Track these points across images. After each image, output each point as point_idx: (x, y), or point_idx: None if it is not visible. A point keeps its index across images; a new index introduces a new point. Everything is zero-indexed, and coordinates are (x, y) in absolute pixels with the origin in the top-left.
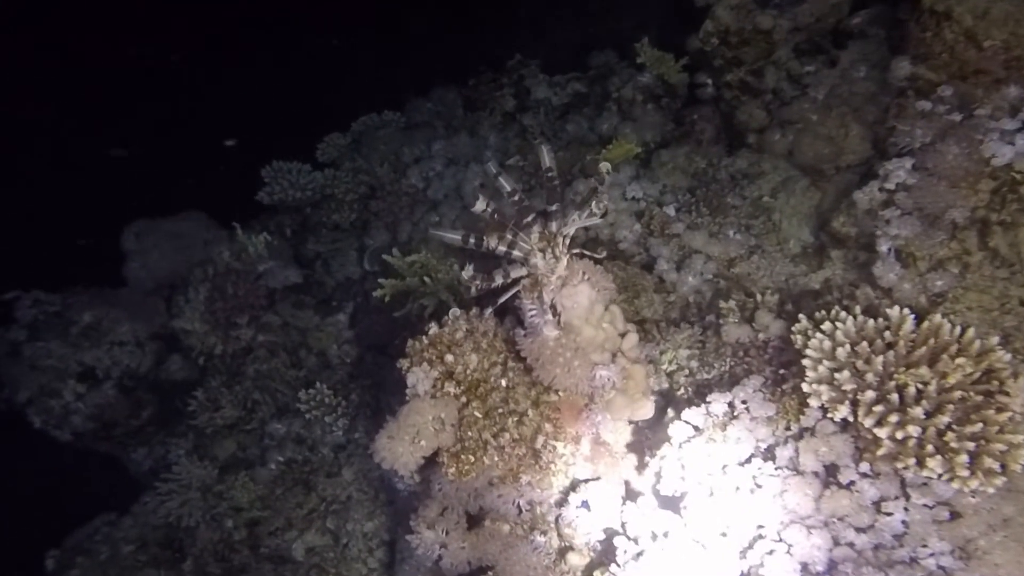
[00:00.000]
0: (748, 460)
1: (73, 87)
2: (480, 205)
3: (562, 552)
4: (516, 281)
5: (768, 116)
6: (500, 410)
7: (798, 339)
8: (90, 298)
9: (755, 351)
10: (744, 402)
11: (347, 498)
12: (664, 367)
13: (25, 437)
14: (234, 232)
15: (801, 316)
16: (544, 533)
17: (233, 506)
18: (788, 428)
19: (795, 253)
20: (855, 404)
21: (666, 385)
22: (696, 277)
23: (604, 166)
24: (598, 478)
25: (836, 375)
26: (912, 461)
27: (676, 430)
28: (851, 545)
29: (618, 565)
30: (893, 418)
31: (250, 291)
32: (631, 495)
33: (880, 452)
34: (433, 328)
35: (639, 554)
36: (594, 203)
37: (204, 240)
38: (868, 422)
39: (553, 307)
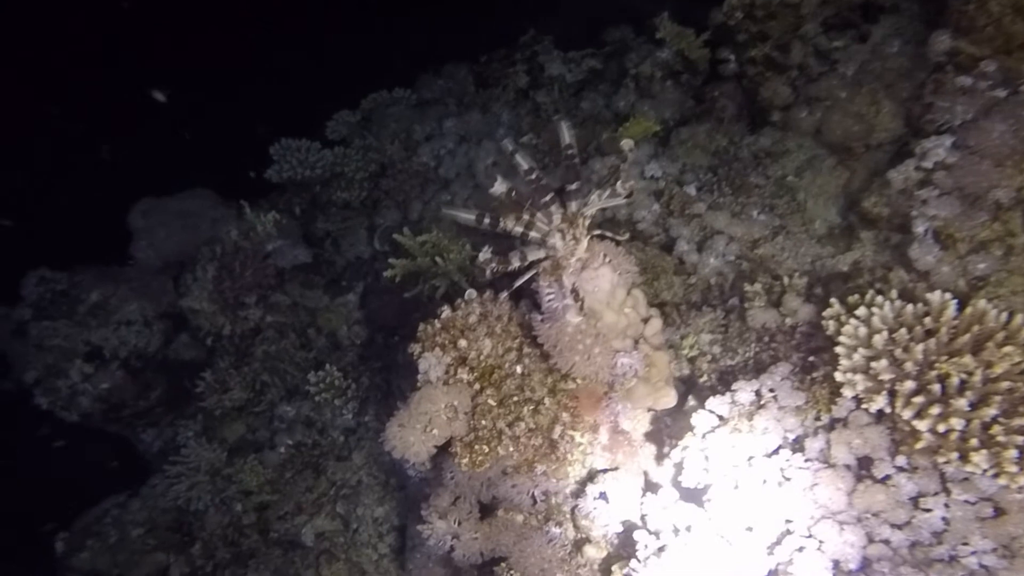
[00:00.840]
0: (776, 451)
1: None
2: (500, 187)
3: (578, 544)
4: (533, 264)
5: (794, 93)
6: (515, 398)
7: (830, 325)
8: (97, 276)
9: (782, 337)
10: (772, 390)
11: (357, 482)
12: (685, 352)
13: (33, 418)
14: (242, 210)
15: (833, 300)
16: (560, 524)
17: (242, 490)
18: (818, 418)
19: (821, 234)
20: (892, 395)
21: (687, 371)
22: (718, 258)
23: (627, 143)
24: (616, 468)
25: (873, 364)
26: (955, 455)
27: (699, 420)
28: (886, 542)
29: (639, 560)
30: (934, 410)
31: (258, 270)
32: (651, 486)
33: (919, 445)
34: (446, 311)
35: (660, 549)
36: (619, 183)
37: (212, 218)
38: (907, 414)
39: (575, 292)
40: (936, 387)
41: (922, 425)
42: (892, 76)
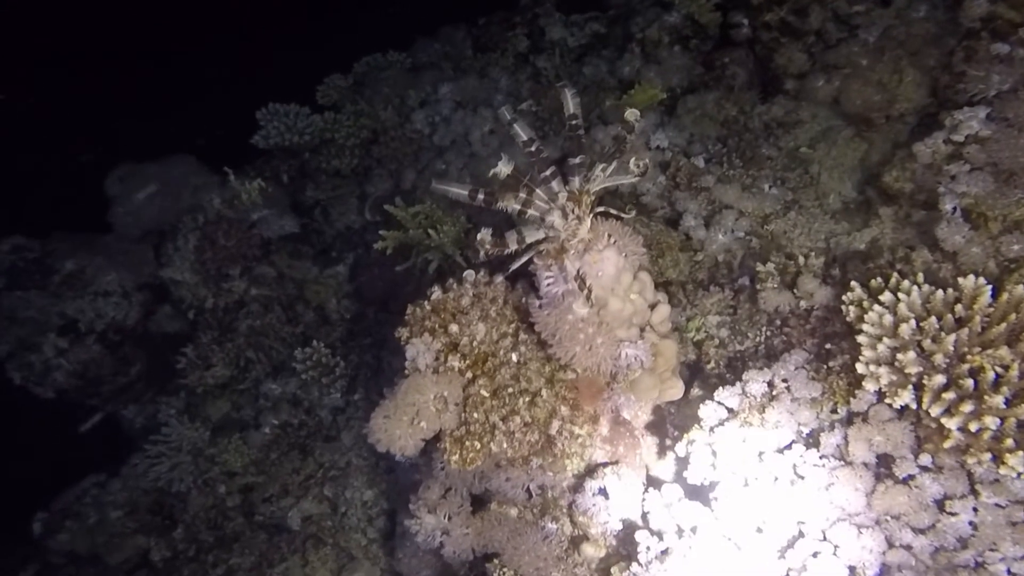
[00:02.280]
0: (788, 447)
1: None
2: (504, 167)
3: (576, 541)
4: (532, 245)
5: (810, 60)
6: (510, 389)
7: (850, 311)
8: (73, 245)
9: (795, 321)
10: (785, 380)
11: (346, 464)
12: (691, 335)
13: (7, 393)
14: (226, 178)
15: (854, 284)
16: (556, 519)
17: (226, 471)
18: (835, 411)
19: (836, 209)
20: (919, 389)
21: (693, 356)
22: (727, 234)
23: (632, 113)
24: (617, 462)
25: (899, 356)
26: (987, 456)
27: (707, 412)
28: (908, 548)
29: (640, 564)
30: (966, 407)
31: (242, 240)
32: (653, 482)
33: (947, 444)
34: (436, 293)
35: (663, 552)
36: (632, 159)
37: (194, 186)
38: (935, 411)
39: (581, 278)
40: (968, 382)
41: (952, 423)
42: (918, 43)
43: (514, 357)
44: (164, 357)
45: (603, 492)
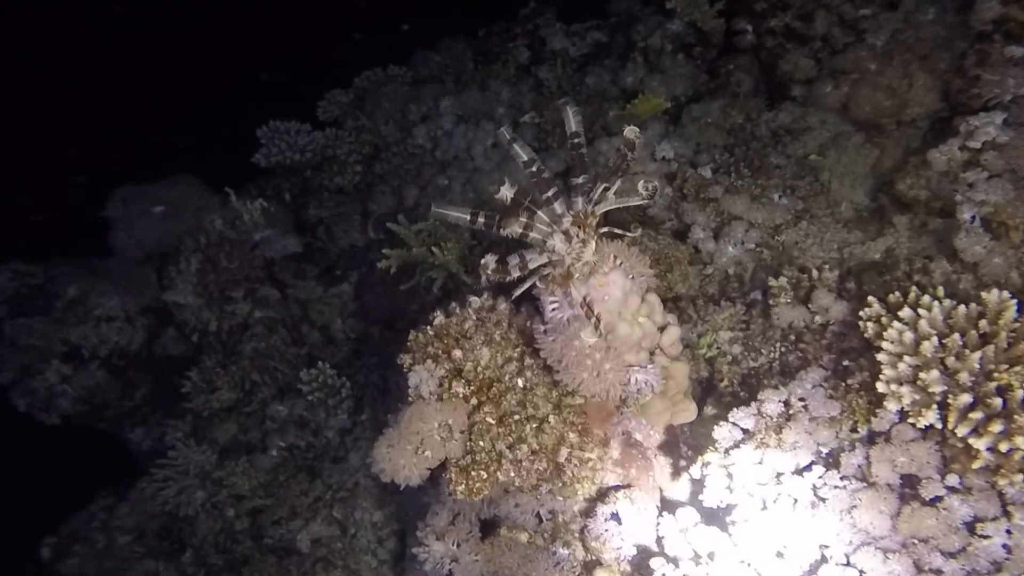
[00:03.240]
0: (808, 468)
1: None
2: (506, 192)
3: (588, 567)
4: (536, 270)
5: (817, 66)
6: (517, 416)
7: (868, 327)
8: (74, 270)
9: (811, 336)
10: (802, 400)
11: (354, 485)
12: (702, 352)
13: (12, 420)
14: (227, 198)
15: (871, 299)
16: (568, 545)
17: (234, 494)
18: (855, 430)
19: (848, 218)
20: (944, 408)
21: (705, 373)
22: (736, 247)
23: (631, 131)
24: (629, 485)
25: (922, 375)
26: (1019, 477)
27: (722, 433)
28: (938, 572)
29: None
30: (995, 427)
31: (245, 262)
32: (668, 505)
33: (975, 465)
34: (439, 317)
35: None
36: (641, 183)
37: (196, 207)
38: (962, 431)
39: (589, 306)
40: (996, 401)
41: (981, 443)
42: (927, 46)
43: (520, 382)
44: (170, 380)
45: (615, 517)
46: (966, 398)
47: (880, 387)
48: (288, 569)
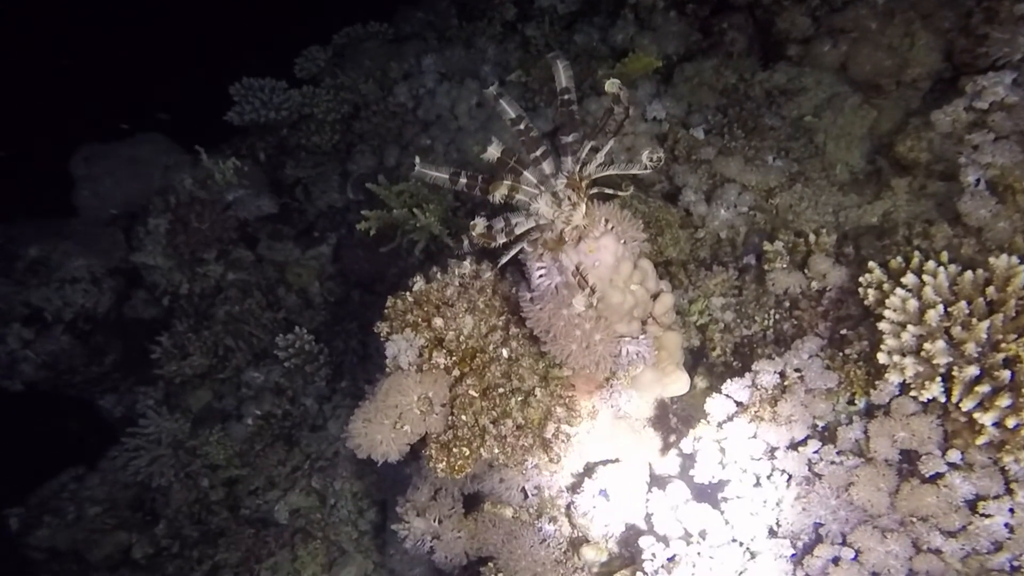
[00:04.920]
0: (803, 442)
1: None
2: (493, 151)
3: (575, 544)
4: (522, 236)
5: (815, 24)
6: (501, 388)
7: (869, 294)
8: (36, 230)
9: (806, 303)
10: (798, 370)
11: (333, 454)
12: (693, 319)
13: None
14: (198, 156)
15: (872, 265)
16: (554, 520)
17: (208, 463)
18: (852, 403)
19: (844, 181)
20: (949, 380)
21: (696, 342)
22: (729, 210)
23: (613, 84)
24: (618, 460)
25: (926, 345)
26: None
27: (714, 406)
28: (937, 552)
29: (645, 573)
30: (1003, 401)
31: (217, 222)
32: (657, 481)
33: (979, 440)
34: (419, 283)
35: (670, 559)
36: (646, 152)
37: (164, 165)
38: (968, 404)
39: (582, 275)
40: (1004, 373)
41: (987, 418)
42: (930, 4)
43: (505, 353)
44: (142, 345)
45: (603, 493)
46: (972, 370)
47: (881, 358)
48: (266, 541)
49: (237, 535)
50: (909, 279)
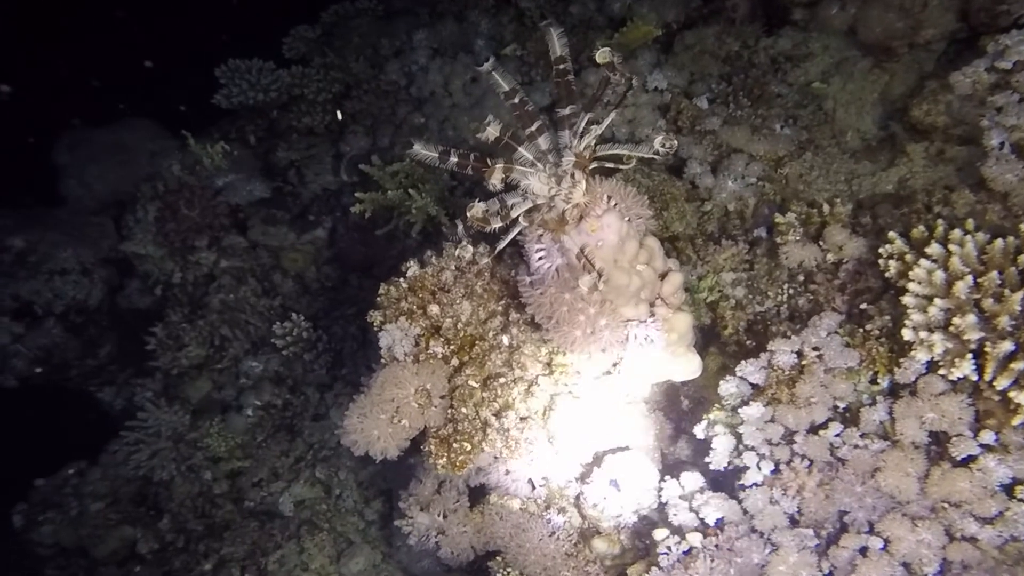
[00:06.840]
0: (824, 425)
1: None
2: (492, 131)
3: (585, 535)
4: (518, 219)
5: None
6: (503, 378)
7: (891, 266)
8: (20, 220)
9: (822, 277)
10: (816, 349)
11: (337, 444)
12: (703, 296)
13: None
14: (185, 141)
15: (893, 235)
16: (563, 511)
17: (210, 456)
18: (875, 382)
19: (855, 148)
20: (980, 357)
21: (707, 320)
22: (736, 181)
23: (603, 53)
24: (628, 447)
25: (955, 320)
26: None
27: (729, 389)
28: (972, 540)
29: (660, 568)
30: None
31: (207, 208)
32: (670, 469)
33: (1016, 421)
34: (413, 268)
35: (686, 553)
36: (659, 139)
37: (151, 151)
38: (1003, 382)
39: (588, 259)
40: None
41: (1023, 397)
42: None
43: (505, 340)
44: (138, 335)
45: (614, 483)
46: (1007, 346)
47: (906, 334)
48: (272, 533)
49: (242, 528)
50: (934, 249)
